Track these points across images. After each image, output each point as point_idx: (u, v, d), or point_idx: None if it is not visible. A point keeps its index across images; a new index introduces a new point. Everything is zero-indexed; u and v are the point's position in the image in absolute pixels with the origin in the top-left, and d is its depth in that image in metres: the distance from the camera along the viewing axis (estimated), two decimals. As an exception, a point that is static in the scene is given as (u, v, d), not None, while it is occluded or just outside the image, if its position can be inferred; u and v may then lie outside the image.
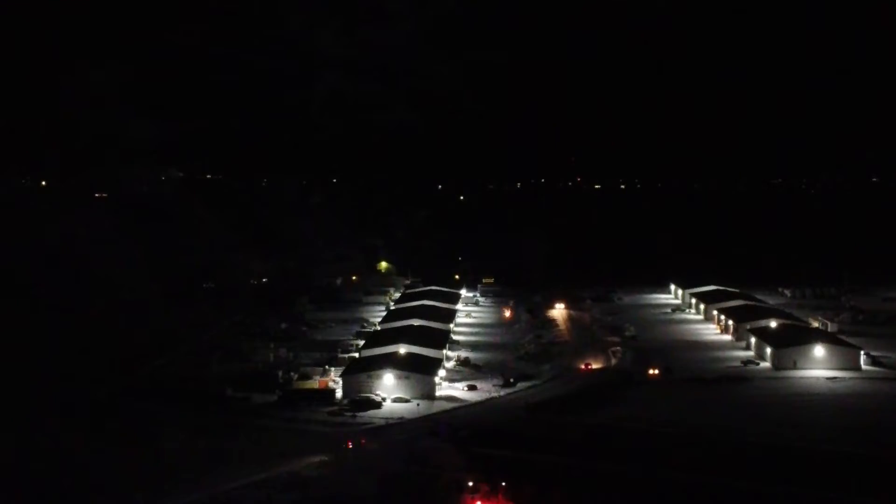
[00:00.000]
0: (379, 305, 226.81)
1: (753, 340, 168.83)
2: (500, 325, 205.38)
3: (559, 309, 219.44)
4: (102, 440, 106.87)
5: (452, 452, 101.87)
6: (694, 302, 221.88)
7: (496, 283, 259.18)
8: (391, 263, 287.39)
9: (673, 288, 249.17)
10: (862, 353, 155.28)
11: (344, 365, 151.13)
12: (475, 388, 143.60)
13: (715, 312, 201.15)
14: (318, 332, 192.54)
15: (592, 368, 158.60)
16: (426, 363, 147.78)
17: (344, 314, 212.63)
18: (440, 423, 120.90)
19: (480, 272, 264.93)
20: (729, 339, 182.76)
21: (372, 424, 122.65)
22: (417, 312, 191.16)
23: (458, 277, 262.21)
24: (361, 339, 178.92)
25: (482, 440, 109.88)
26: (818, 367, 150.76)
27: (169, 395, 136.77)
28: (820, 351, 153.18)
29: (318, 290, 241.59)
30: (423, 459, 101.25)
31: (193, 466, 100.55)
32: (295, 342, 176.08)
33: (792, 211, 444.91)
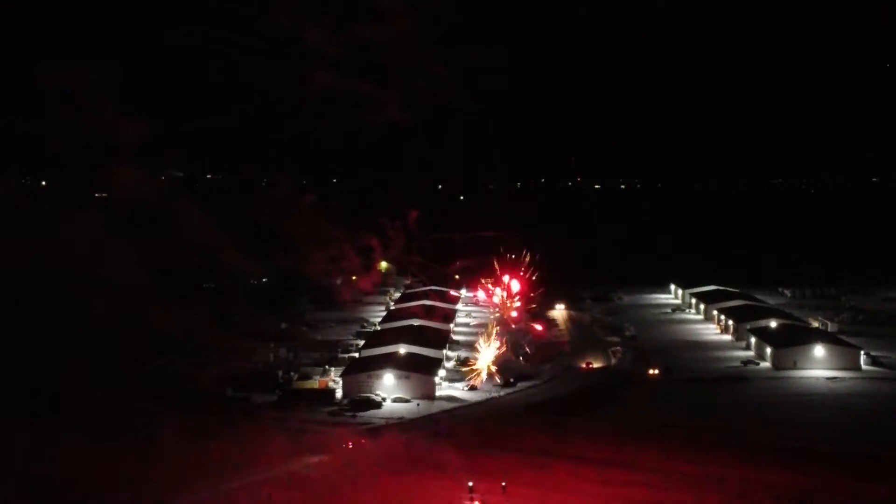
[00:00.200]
0: (379, 305, 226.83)
1: (753, 340, 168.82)
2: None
3: (559, 309, 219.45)
4: (102, 440, 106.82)
5: (452, 452, 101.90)
6: (694, 302, 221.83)
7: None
8: (391, 263, 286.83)
9: (673, 288, 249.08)
10: (862, 353, 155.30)
11: (344, 365, 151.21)
12: (475, 388, 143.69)
13: (715, 312, 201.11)
14: (318, 332, 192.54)
15: (592, 368, 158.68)
16: (426, 363, 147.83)
17: (344, 314, 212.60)
18: (440, 423, 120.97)
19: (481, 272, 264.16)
20: (729, 339, 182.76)
21: (372, 424, 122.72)
22: (417, 313, 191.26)
23: (457, 277, 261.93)
24: (361, 339, 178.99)
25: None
26: (818, 367, 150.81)
27: (169, 395, 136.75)
28: (820, 351, 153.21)
29: (318, 290, 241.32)
30: (423, 459, 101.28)
31: (193, 466, 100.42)
32: (295, 342, 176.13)
33: (792, 211, 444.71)
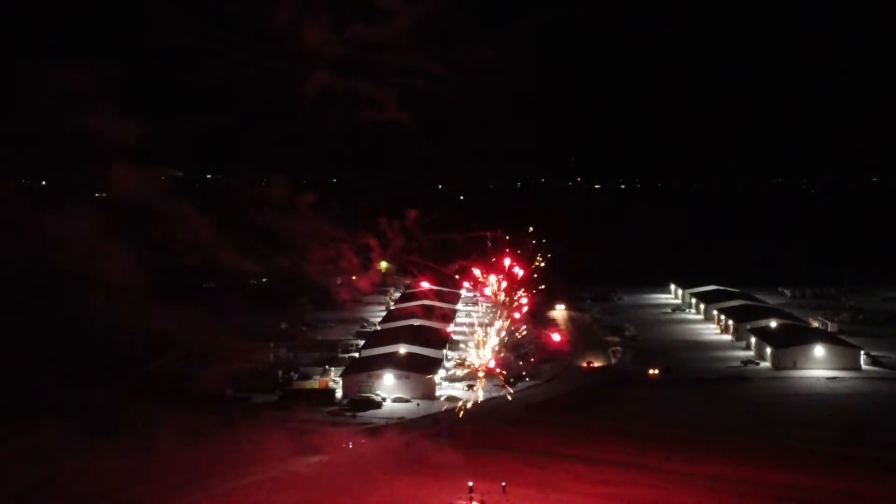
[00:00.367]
0: (379, 305, 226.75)
1: (753, 340, 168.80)
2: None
3: (559, 309, 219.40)
4: (102, 440, 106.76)
5: (452, 452, 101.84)
6: (694, 302, 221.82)
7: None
8: (391, 263, 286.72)
9: (673, 288, 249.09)
10: (862, 353, 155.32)
11: (344, 365, 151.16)
12: (475, 388, 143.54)
13: (715, 312, 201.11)
14: (318, 332, 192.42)
15: (592, 368, 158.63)
16: (426, 363, 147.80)
17: (344, 314, 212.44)
18: (440, 422, 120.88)
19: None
20: (729, 339, 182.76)
21: (372, 424, 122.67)
22: (417, 313, 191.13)
23: (457, 277, 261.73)
24: (361, 339, 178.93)
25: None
26: (818, 366, 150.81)
27: (168, 395, 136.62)
28: (820, 351, 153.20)
29: (318, 290, 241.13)
30: (422, 459, 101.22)
31: (193, 466, 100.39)
32: (295, 342, 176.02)
33: (792, 211, 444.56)
